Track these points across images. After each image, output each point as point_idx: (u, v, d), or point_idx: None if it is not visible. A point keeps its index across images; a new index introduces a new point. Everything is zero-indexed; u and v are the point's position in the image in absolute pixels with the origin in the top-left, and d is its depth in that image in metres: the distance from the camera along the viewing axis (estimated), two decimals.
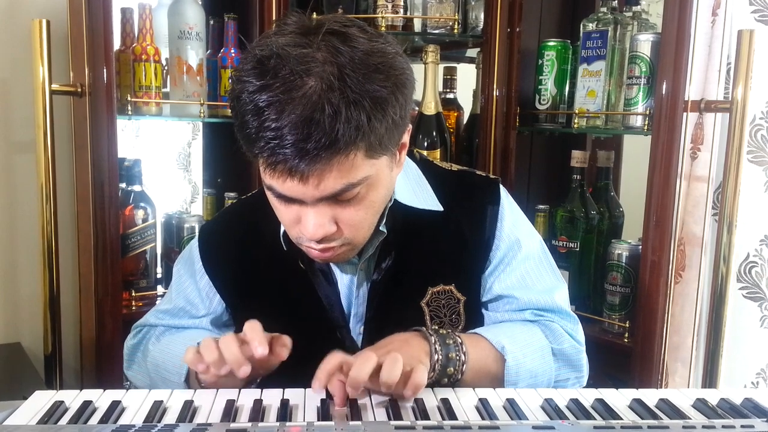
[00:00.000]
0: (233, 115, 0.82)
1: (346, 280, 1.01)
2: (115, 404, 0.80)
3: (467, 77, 1.83)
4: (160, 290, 1.60)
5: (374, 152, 0.81)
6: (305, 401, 0.83)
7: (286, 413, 0.78)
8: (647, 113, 1.45)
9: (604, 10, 1.54)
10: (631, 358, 1.45)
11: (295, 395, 0.84)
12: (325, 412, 0.79)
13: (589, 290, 1.63)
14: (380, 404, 0.82)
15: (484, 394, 0.85)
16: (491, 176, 1.09)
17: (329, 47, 0.77)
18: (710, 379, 1.40)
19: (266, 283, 1.03)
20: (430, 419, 0.77)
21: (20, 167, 1.55)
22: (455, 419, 0.77)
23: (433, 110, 1.64)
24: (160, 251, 1.65)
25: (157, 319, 1.10)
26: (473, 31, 1.69)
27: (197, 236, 1.10)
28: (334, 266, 1.01)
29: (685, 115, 1.39)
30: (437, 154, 1.64)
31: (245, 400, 0.83)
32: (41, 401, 0.81)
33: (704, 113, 1.44)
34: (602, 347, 1.43)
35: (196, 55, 1.53)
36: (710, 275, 1.42)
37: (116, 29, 1.44)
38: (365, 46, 0.79)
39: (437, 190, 1.02)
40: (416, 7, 1.67)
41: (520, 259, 1.03)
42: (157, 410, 0.79)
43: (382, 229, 0.95)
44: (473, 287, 1.03)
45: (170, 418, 0.79)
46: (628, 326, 1.50)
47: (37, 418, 0.77)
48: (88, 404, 0.80)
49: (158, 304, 1.14)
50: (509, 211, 1.04)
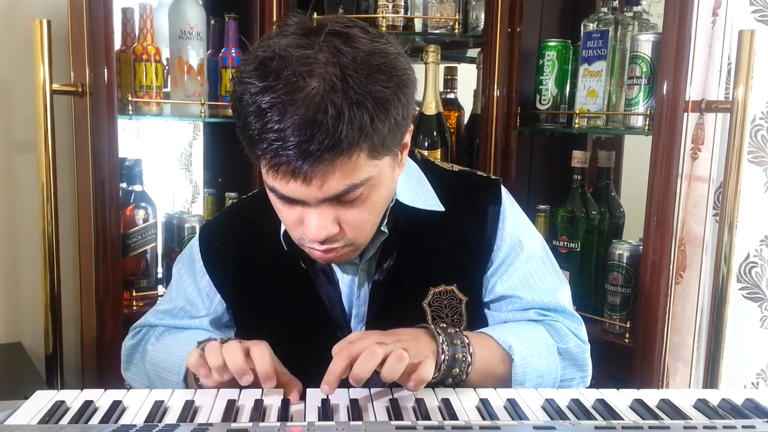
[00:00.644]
0: (235, 116, 0.82)
1: (347, 280, 1.01)
2: (116, 404, 0.80)
3: (468, 77, 1.83)
4: (160, 290, 1.60)
5: (377, 153, 0.81)
6: (306, 401, 0.83)
7: (287, 413, 0.78)
8: (648, 113, 1.45)
9: (604, 10, 1.54)
10: (631, 358, 1.45)
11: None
12: (326, 412, 0.79)
13: (589, 290, 1.62)
14: (381, 404, 0.82)
15: (485, 394, 0.85)
16: (492, 177, 1.09)
17: (331, 48, 0.77)
18: (711, 379, 1.40)
19: (267, 282, 1.03)
20: (431, 419, 0.77)
21: (21, 167, 1.55)
22: (456, 419, 0.77)
23: (433, 110, 1.64)
24: (160, 251, 1.65)
25: (156, 319, 1.10)
26: (474, 31, 1.69)
27: (198, 236, 1.10)
28: (335, 266, 1.01)
29: (685, 115, 1.39)
30: (438, 154, 1.64)
31: (246, 400, 0.82)
32: (42, 401, 0.81)
33: (705, 113, 1.44)
34: (603, 347, 1.43)
35: (196, 54, 1.53)
36: (711, 275, 1.42)
37: (117, 29, 1.45)
38: (367, 46, 0.79)
39: (438, 190, 1.02)
40: (417, 7, 1.67)
41: (522, 259, 1.03)
42: (158, 410, 0.79)
43: (383, 229, 0.95)
44: (475, 288, 1.03)
45: (171, 418, 0.79)
46: (628, 326, 1.50)
47: (38, 417, 0.76)
48: (89, 404, 0.80)
49: (157, 304, 1.14)
50: (511, 211, 1.04)
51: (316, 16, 0.84)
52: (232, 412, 0.78)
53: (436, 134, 1.65)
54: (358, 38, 0.79)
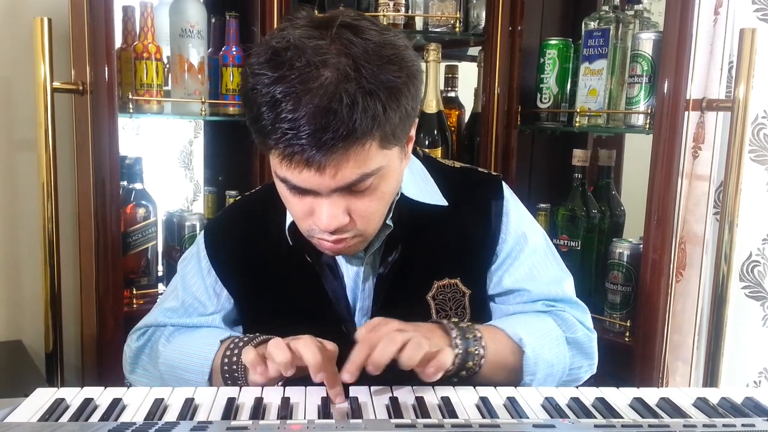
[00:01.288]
0: (246, 108, 0.82)
1: (352, 273, 1.02)
2: (115, 402, 0.80)
3: (469, 76, 1.83)
4: (161, 288, 1.60)
5: (388, 142, 0.82)
6: (306, 399, 0.83)
7: (286, 411, 0.78)
8: (649, 112, 1.45)
9: (605, 8, 1.54)
10: (632, 356, 1.45)
11: (295, 393, 0.84)
12: (325, 410, 0.79)
13: (590, 289, 1.62)
14: (381, 402, 0.82)
15: (484, 392, 0.85)
16: (493, 173, 1.11)
17: (343, 39, 0.78)
18: (711, 378, 1.40)
19: (272, 277, 1.04)
20: (430, 417, 0.77)
21: (22, 165, 1.55)
22: (456, 417, 0.77)
23: (434, 109, 1.63)
24: (161, 249, 1.65)
25: (165, 317, 1.08)
26: (475, 29, 1.68)
27: (203, 233, 1.10)
28: (340, 260, 1.02)
29: (686, 113, 1.39)
30: (438, 152, 1.64)
31: (246, 398, 0.83)
32: (42, 399, 0.81)
33: (706, 112, 1.44)
34: (603, 346, 1.41)
35: (197, 53, 1.53)
36: (711, 274, 1.42)
37: (118, 27, 1.44)
38: (377, 38, 0.80)
39: (441, 186, 1.03)
40: (418, 5, 1.67)
41: (527, 252, 1.04)
42: (157, 408, 0.79)
43: (388, 222, 0.96)
44: (478, 281, 1.04)
45: (171, 415, 0.79)
46: (629, 325, 1.50)
47: (38, 415, 0.77)
48: (88, 402, 0.80)
49: (160, 302, 1.13)
50: (514, 206, 1.06)
51: (317, 14, 0.85)
52: (231, 409, 0.78)
53: (436, 132, 1.65)
54: (368, 30, 0.80)
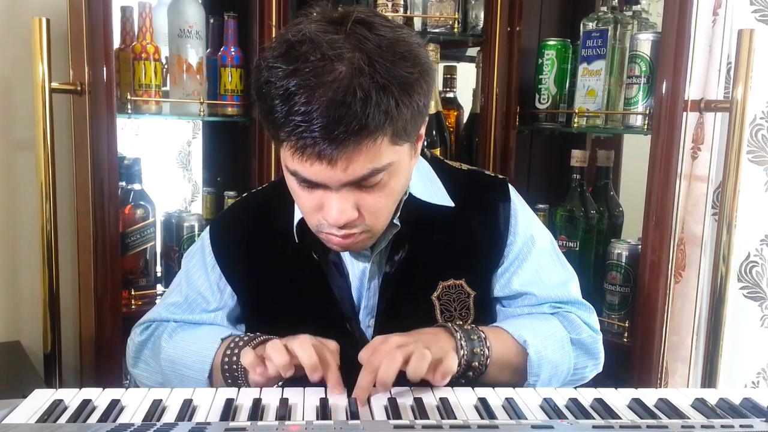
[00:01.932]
0: (259, 102, 0.83)
1: (358, 272, 1.02)
2: (114, 403, 0.80)
3: (467, 76, 1.83)
4: (159, 289, 1.60)
5: (399, 138, 0.83)
6: (304, 400, 0.83)
7: (285, 412, 0.78)
8: (647, 113, 1.45)
9: (604, 9, 1.54)
10: (630, 357, 1.45)
11: (294, 394, 0.84)
12: (324, 411, 0.79)
13: (588, 290, 1.62)
14: (379, 403, 0.82)
15: (483, 393, 0.85)
16: (500, 176, 1.12)
17: (357, 35, 0.79)
18: (709, 378, 1.40)
19: (278, 274, 1.04)
20: (429, 418, 0.77)
21: (20, 165, 1.55)
22: (454, 418, 0.77)
23: (432, 109, 1.63)
24: (159, 250, 1.65)
25: (169, 313, 1.09)
26: (473, 30, 1.68)
27: (208, 229, 1.10)
28: (346, 259, 1.02)
29: (685, 114, 1.39)
30: (437, 153, 1.64)
31: (244, 399, 0.82)
32: (40, 400, 0.81)
33: (704, 113, 1.44)
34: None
35: (195, 53, 1.53)
36: (710, 275, 1.42)
37: (116, 27, 1.44)
38: (391, 34, 0.81)
39: (448, 187, 1.04)
40: (416, 5, 1.67)
41: (535, 254, 1.05)
42: (156, 409, 0.79)
43: (395, 222, 0.96)
44: (484, 282, 1.05)
45: (169, 416, 0.79)
46: (627, 326, 1.50)
47: (36, 416, 0.76)
48: (87, 403, 0.80)
49: (164, 297, 1.13)
50: (521, 208, 1.07)
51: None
52: (230, 410, 0.78)
53: (435, 133, 1.65)
54: (381, 27, 0.81)
